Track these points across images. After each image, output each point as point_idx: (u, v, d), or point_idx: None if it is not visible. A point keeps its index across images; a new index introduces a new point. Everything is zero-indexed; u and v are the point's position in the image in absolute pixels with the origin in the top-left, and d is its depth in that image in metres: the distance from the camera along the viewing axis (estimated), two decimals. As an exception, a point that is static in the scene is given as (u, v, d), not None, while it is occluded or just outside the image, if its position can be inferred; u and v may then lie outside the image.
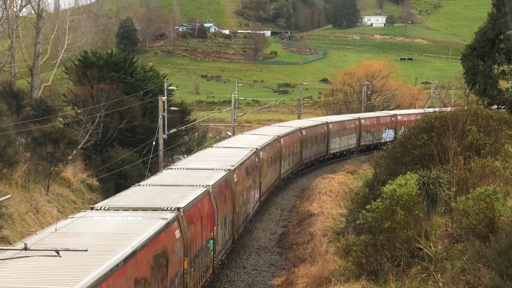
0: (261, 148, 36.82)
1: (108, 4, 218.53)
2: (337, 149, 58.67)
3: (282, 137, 44.14)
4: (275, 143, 42.09)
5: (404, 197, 19.20)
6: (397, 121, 68.47)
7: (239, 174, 29.35)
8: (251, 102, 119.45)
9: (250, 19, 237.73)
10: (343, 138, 59.50)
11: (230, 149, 35.02)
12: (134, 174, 42.17)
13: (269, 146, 39.52)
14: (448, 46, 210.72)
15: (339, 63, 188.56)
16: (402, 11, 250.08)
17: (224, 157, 31.67)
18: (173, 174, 26.54)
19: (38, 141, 37.34)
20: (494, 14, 36.15)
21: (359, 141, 62.84)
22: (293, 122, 56.59)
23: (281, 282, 24.56)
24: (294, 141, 47.83)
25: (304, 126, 51.55)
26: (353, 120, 62.35)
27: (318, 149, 54.77)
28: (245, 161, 31.37)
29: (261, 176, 36.35)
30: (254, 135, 43.52)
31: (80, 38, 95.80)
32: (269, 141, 40.09)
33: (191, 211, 20.27)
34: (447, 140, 24.33)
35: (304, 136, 50.36)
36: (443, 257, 18.39)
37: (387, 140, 63.31)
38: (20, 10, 62.69)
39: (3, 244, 25.44)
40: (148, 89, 52.71)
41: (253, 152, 34.23)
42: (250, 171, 32.49)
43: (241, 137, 42.80)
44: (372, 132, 65.13)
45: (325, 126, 56.17)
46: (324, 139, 55.84)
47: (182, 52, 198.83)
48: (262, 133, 45.25)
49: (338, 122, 59.11)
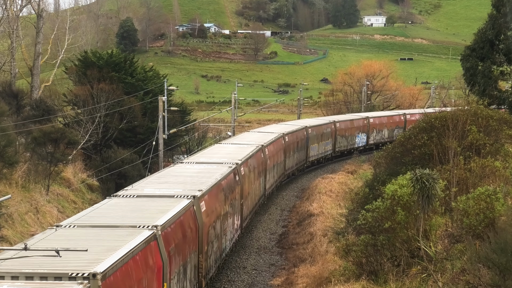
0: (243, 162, 30.64)
1: (108, 4, 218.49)
2: (315, 156, 54.51)
3: (266, 146, 38.55)
4: (259, 154, 36.08)
5: (404, 197, 19.21)
6: (369, 124, 64.33)
7: (209, 200, 22.62)
8: (251, 102, 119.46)
9: (250, 19, 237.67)
10: (321, 144, 55.25)
11: (203, 166, 28.16)
12: (134, 174, 42.17)
13: (252, 159, 33.49)
14: (448, 46, 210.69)
15: (339, 63, 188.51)
16: (402, 11, 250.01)
17: (193, 177, 24.78)
18: (121, 204, 19.73)
19: (38, 141, 37.35)
20: (494, 14, 36.19)
21: (335, 146, 58.57)
22: (274, 127, 50.86)
23: (281, 282, 24.56)
24: (278, 149, 42.57)
25: (287, 132, 46.37)
26: (329, 123, 57.52)
27: (299, 157, 49.99)
28: (220, 181, 24.85)
29: (243, 197, 29.89)
30: (234, 145, 37.17)
31: (80, 38, 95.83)
32: (251, 152, 33.95)
33: (117, 276, 13.63)
34: (447, 140, 24.34)
35: (287, 143, 45.38)
36: (443, 257, 18.40)
37: (360, 145, 62.32)
38: (20, 10, 62.74)
39: (3, 244, 25.45)
40: (148, 89, 52.72)
41: (232, 169, 27.94)
42: (228, 193, 25.96)
43: (219, 148, 36.06)
44: (347, 136, 60.77)
45: (305, 131, 51.24)
46: (304, 146, 51.16)
47: (182, 52, 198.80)
48: (242, 141, 39.12)
49: (316, 127, 54.37)
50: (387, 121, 67.25)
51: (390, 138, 63.72)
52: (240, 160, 30.25)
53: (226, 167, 27.79)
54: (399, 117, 68.81)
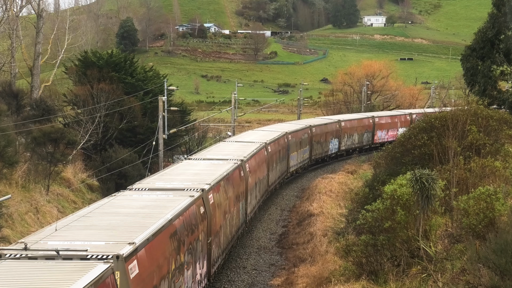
0: (212, 187, 22.60)
1: (108, 4, 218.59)
2: (295, 166, 48.84)
3: (247, 161, 30.95)
4: (237, 173, 28.11)
5: (404, 197, 19.21)
6: (341, 128, 58.85)
7: (148, 256, 15.09)
8: (251, 102, 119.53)
9: (250, 19, 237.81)
10: (299, 152, 49.31)
11: (156, 195, 20.27)
12: (134, 174, 42.19)
13: (226, 180, 25.41)
14: (448, 46, 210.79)
15: (339, 63, 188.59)
16: (402, 11, 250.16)
17: (132, 216, 17.27)
18: None
19: (38, 141, 37.36)
20: (494, 14, 36.16)
21: (311, 154, 52.97)
22: (254, 134, 43.46)
23: (281, 282, 24.55)
24: (260, 163, 35.46)
25: (269, 140, 39.51)
26: (306, 129, 51.39)
27: (281, 168, 43.54)
28: (170, 222, 17.22)
29: (212, 233, 22.18)
30: (205, 162, 28.60)
31: (80, 38, 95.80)
32: (227, 171, 25.91)
33: None
34: (447, 140, 24.33)
35: (269, 153, 38.71)
36: (443, 257, 18.40)
37: (333, 152, 57.83)
38: (20, 10, 62.79)
39: (3, 244, 25.45)
40: (148, 89, 52.72)
41: (193, 199, 19.95)
42: (183, 237, 18.23)
43: (185, 166, 27.28)
44: (321, 142, 55.17)
45: (285, 138, 44.82)
46: (285, 155, 44.85)
47: (182, 52, 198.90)
48: (216, 155, 30.58)
49: (295, 132, 48.00)
50: (357, 125, 62.58)
51: (360, 144, 61.79)
52: (210, 182, 22.73)
53: (187, 196, 19.99)
54: (368, 120, 64.23)
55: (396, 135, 65.66)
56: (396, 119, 67.67)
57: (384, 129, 65.47)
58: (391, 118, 67.50)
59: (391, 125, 66.52)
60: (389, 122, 66.44)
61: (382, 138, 64.46)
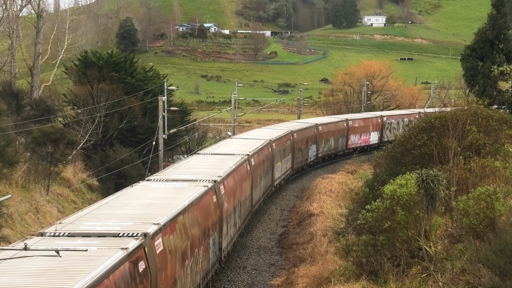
0: (157, 232, 16.34)
1: (108, 4, 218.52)
2: (279, 179, 42.95)
3: (222, 181, 24.96)
4: (206, 200, 22.16)
5: (404, 197, 19.22)
6: (318, 133, 53.73)
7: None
8: (251, 102, 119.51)
9: (250, 19, 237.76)
10: (283, 162, 43.70)
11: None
12: (134, 174, 42.20)
13: (191, 214, 19.80)
14: (448, 46, 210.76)
15: (339, 63, 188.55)
16: (402, 11, 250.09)
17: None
18: None
19: (38, 141, 37.37)
20: (494, 14, 36.14)
21: (293, 162, 47.60)
22: (233, 144, 37.16)
23: (281, 282, 24.56)
24: (242, 180, 29.50)
25: (252, 151, 33.51)
26: (288, 135, 45.56)
27: (266, 183, 37.98)
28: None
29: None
30: (168, 184, 22.85)
31: (80, 38, 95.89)
32: (194, 198, 20.51)
33: None
34: (447, 140, 24.34)
35: (253, 167, 32.71)
36: (443, 257, 18.40)
37: (312, 159, 53.10)
38: (20, 10, 62.77)
39: (3, 244, 25.45)
40: (148, 89, 52.73)
41: (120, 258, 13.92)
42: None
43: (142, 191, 21.37)
44: (302, 149, 49.73)
45: (269, 147, 39.24)
46: (270, 166, 39.29)
47: (182, 52, 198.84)
48: (184, 176, 24.63)
49: (279, 140, 42.17)
50: (333, 129, 57.68)
51: (335, 150, 57.97)
52: (160, 221, 16.79)
53: (119, 253, 14.14)
54: (342, 124, 59.54)
55: (368, 140, 62.97)
56: (369, 122, 64.00)
57: (357, 133, 61.85)
58: (364, 121, 63.40)
59: (364, 129, 62.95)
60: (362, 126, 62.38)
61: (356, 143, 61.44)
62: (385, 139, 63.60)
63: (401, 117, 69.02)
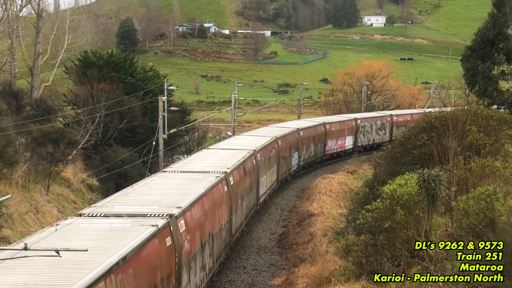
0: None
1: (108, 4, 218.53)
2: (265, 195, 37.92)
3: (185, 214, 19.58)
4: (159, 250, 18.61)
5: (404, 197, 19.21)
6: (299, 138, 49.20)
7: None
8: (251, 102, 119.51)
9: (250, 19, 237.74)
10: (268, 174, 38.57)
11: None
12: (134, 174, 42.19)
13: None
14: (448, 46, 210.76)
15: (339, 63, 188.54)
16: (402, 11, 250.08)
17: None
18: None
19: (38, 141, 37.37)
20: (494, 14, 36.12)
21: (278, 173, 42.75)
22: (208, 158, 30.90)
23: (281, 282, 24.55)
24: (218, 203, 24.09)
25: (231, 168, 27.56)
26: (272, 143, 40.53)
27: (249, 202, 32.04)
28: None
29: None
30: (131, 208, 18.66)
31: (80, 38, 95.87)
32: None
33: None
34: (447, 140, 24.34)
35: (232, 186, 27.00)
36: (443, 257, 18.39)
37: (294, 168, 48.65)
38: (20, 10, 62.75)
39: (3, 244, 25.44)
40: (148, 89, 52.73)
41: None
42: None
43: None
44: (286, 158, 45.12)
45: (253, 159, 33.74)
46: (255, 181, 33.85)
47: (182, 52, 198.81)
48: (147, 204, 19.03)
49: (263, 149, 36.81)
50: (313, 134, 53.08)
51: (315, 156, 53.69)
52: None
53: None
54: (320, 128, 54.81)
55: (343, 145, 59.29)
56: (344, 125, 59.84)
57: (334, 138, 57.69)
58: (340, 125, 58.96)
59: (340, 133, 58.82)
60: (338, 130, 58.21)
61: (333, 149, 57.60)
62: (359, 144, 61.54)
63: (373, 120, 65.09)
